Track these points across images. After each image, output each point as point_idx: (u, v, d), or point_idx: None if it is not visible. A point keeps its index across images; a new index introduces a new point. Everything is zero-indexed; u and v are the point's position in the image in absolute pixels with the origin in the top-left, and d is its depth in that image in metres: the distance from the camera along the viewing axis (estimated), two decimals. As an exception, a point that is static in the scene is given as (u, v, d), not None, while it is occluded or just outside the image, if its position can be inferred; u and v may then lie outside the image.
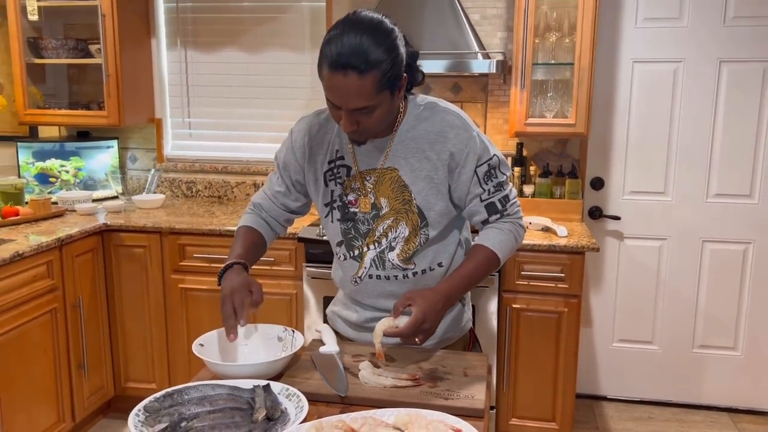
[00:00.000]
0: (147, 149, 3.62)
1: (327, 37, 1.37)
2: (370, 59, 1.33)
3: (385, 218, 1.58)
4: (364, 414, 1.24)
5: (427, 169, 1.54)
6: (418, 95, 1.59)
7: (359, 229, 1.60)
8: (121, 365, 3.11)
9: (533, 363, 2.76)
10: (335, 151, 1.60)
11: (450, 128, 1.53)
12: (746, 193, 3.10)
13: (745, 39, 2.98)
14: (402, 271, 1.61)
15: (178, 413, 1.24)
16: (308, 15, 3.37)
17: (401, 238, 1.58)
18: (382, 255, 1.60)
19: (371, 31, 1.35)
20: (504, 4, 3.12)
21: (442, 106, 1.57)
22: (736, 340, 3.23)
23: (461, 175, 1.54)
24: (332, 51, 1.34)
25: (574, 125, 2.85)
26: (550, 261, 2.67)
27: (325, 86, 1.39)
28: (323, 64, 1.36)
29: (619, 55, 3.10)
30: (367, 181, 1.57)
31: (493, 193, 1.58)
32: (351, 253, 1.63)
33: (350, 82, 1.34)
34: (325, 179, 1.61)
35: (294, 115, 3.39)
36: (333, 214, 1.63)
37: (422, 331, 1.45)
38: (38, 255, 2.59)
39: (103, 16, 3.14)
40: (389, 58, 1.36)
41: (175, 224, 2.95)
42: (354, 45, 1.32)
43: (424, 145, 1.54)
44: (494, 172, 1.57)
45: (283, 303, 2.88)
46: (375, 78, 1.34)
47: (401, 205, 1.56)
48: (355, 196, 1.59)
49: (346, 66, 1.32)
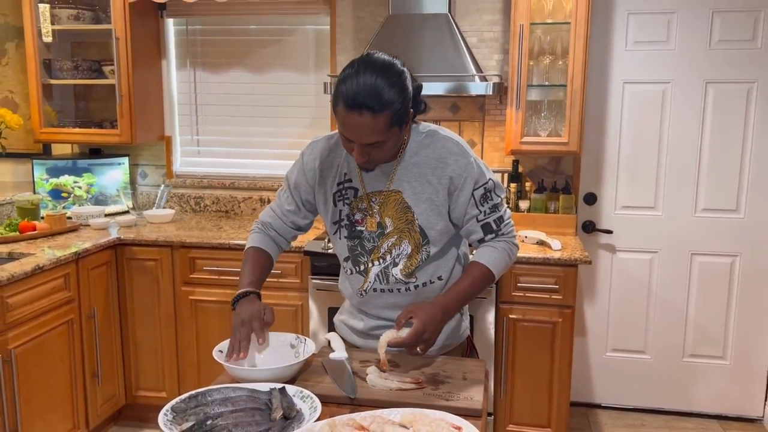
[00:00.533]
0: (157, 166, 3.75)
1: (342, 76, 1.50)
2: (383, 100, 1.46)
3: (389, 236, 1.71)
4: (372, 413, 1.36)
5: (428, 192, 1.67)
6: (420, 123, 1.72)
7: (365, 246, 1.73)
8: (132, 374, 3.22)
9: (529, 371, 2.88)
10: (344, 174, 1.73)
11: (449, 155, 1.66)
12: (732, 208, 3.24)
13: (729, 61, 3.13)
14: (404, 284, 1.74)
15: (204, 413, 1.36)
16: (313, 37, 3.52)
17: (404, 255, 1.71)
18: (386, 270, 1.73)
19: (384, 73, 1.48)
20: (500, 28, 3.27)
21: (442, 134, 1.70)
22: (725, 350, 3.35)
23: (459, 197, 1.67)
24: (348, 90, 1.46)
25: (567, 143, 2.99)
26: (545, 273, 2.79)
27: (340, 122, 1.51)
28: (339, 102, 1.49)
29: (610, 76, 3.25)
30: (373, 202, 1.70)
31: (488, 214, 1.70)
32: (357, 268, 1.76)
33: (364, 120, 1.47)
34: (334, 200, 1.74)
35: (299, 132, 3.54)
36: (341, 232, 1.76)
37: (423, 341, 1.58)
38: (56, 268, 2.71)
39: (116, 39, 3.28)
40: (400, 98, 1.49)
41: (185, 238, 3.08)
42: (369, 86, 1.45)
43: (425, 170, 1.67)
44: (490, 194, 1.70)
45: (290, 314, 3.00)
46: (387, 117, 1.48)
47: (404, 224, 1.69)
48: (362, 215, 1.72)
49: (361, 106, 1.45)
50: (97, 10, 3.42)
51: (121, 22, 3.27)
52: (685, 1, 3.11)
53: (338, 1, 3.38)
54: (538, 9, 3.03)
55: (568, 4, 2.95)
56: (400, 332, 1.58)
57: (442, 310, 1.63)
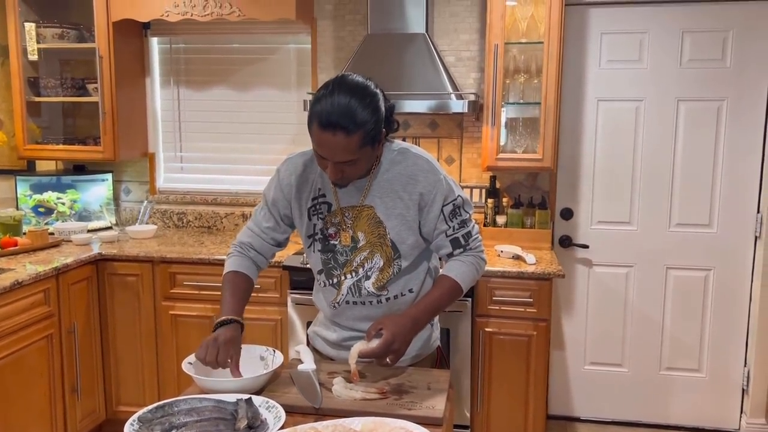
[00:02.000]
0: (140, 182, 3.79)
1: (317, 96, 1.55)
2: (357, 121, 1.51)
3: (361, 250, 1.75)
4: (334, 422, 1.40)
5: (399, 207, 1.72)
6: (393, 141, 1.77)
7: (338, 260, 1.78)
8: (112, 389, 3.23)
9: (506, 384, 2.91)
10: (318, 189, 1.77)
11: (420, 172, 1.71)
12: (705, 223, 3.30)
13: (700, 80, 3.21)
14: (376, 297, 1.78)
15: (169, 422, 1.40)
16: (294, 56, 3.58)
17: (376, 268, 1.76)
18: (358, 283, 1.77)
19: (358, 95, 1.53)
20: (477, 48, 3.34)
21: (413, 152, 1.75)
22: (701, 363, 3.40)
23: (429, 213, 1.72)
24: (322, 110, 1.51)
25: (542, 160, 3.05)
26: (520, 287, 2.84)
27: (315, 140, 1.56)
28: (313, 121, 1.54)
29: (585, 94, 3.32)
30: (346, 217, 1.75)
31: (457, 230, 1.76)
32: (330, 281, 1.80)
33: (338, 140, 1.51)
34: (309, 214, 1.79)
35: (280, 149, 3.59)
36: (315, 245, 1.80)
37: (392, 352, 1.61)
38: (36, 283, 2.74)
39: (100, 58, 3.33)
40: (373, 119, 1.54)
41: (166, 253, 3.11)
42: (343, 107, 1.50)
43: (397, 187, 1.72)
44: (458, 210, 1.75)
45: (269, 328, 3.03)
46: (360, 137, 1.53)
47: (376, 239, 1.74)
48: (335, 230, 1.76)
49: (335, 126, 1.50)
50: (82, 29, 3.47)
51: (105, 40, 3.32)
52: (656, 22, 3.20)
53: (319, 21, 3.45)
54: (513, 29, 3.11)
55: (542, 24, 3.03)
56: (370, 343, 1.62)
57: (411, 320, 1.67)
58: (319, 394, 1.56)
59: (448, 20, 3.35)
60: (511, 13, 3.09)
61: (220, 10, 3.17)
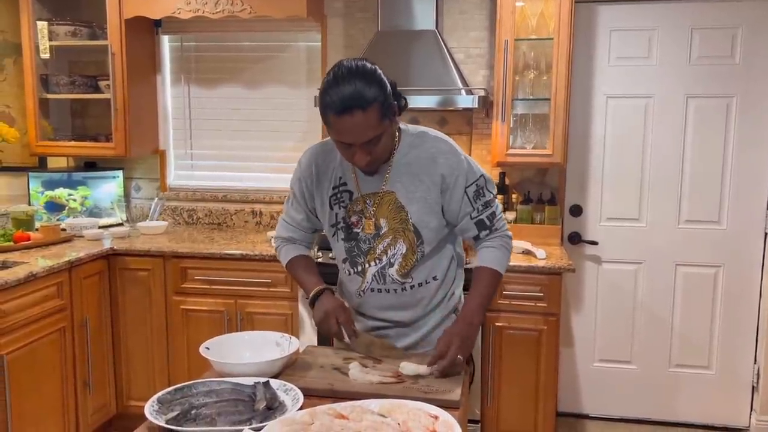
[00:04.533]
0: (150, 179, 3.82)
1: (323, 88, 1.58)
2: (368, 97, 1.54)
3: (384, 237, 1.77)
4: (352, 403, 1.41)
5: (421, 190, 1.74)
6: (409, 126, 1.79)
7: (361, 248, 1.79)
8: (123, 384, 3.25)
9: (516, 378, 2.92)
10: (338, 178, 1.79)
11: (440, 153, 1.73)
12: (715, 219, 3.31)
13: (709, 77, 3.22)
14: (401, 285, 1.80)
15: (189, 403, 1.41)
16: (304, 53, 3.61)
17: (399, 255, 1.77)
18: (382, 270, 1.79)
19: (360, 75, 1.56)
20: (486, 45, 3.36)
21: (432, 134, 1.78)
22: (710, 360, 3.40)
23: (453, 195, 1.74)
24: (333, 98, 1.54)
25: (552, 155, 3.06)
26: (530, 281, 2.85)
27: (335, 130, 1.59)
28: (328, 111, 1.56)
29: (594, 90, 3.33)
30: (368, 204, 1.76)
31: (481, 211, 1.77)
32: (355, 269, 1.82)
33: (357, 120, 1.54)
34: (330, 203, 1.81)
35: (290, 146, 3.62)
36: (338, 234, 1.82)
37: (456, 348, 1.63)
38: (50, 276, 2.76)
39: (112, 55, 3.36)
40: (381, 90, 1.57)
41: (177, 248, 3.13)
42: (351, 90, 1.53)
43: (417, 170, 1.73)
44: (482, 191, 1.77)
45: (279, 322, 3.04)
46: (376, 109, 1.56)
47: (399, 224, 1.76)
48: (357, 217, 1.78)
49: (350, 107, 1.53)
50: (94, 26, 3.50)
51: (117, 38, 3.35)
52: (665, 18, 3.21)
53: (329, 19, 3.48)
54: (523, 26, 3.12)
55: (552, 21, 3.04)
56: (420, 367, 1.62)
57: (464, 322, 1.71)
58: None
59: (458, 17, 3.37)
60: (521, 9, 3.10)
61: (232, 7, 3.20)
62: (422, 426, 1.31)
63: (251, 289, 3.07)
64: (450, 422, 1.32)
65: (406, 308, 1.83)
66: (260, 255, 3.03)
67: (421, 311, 1.84)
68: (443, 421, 1.33)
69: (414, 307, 1.83)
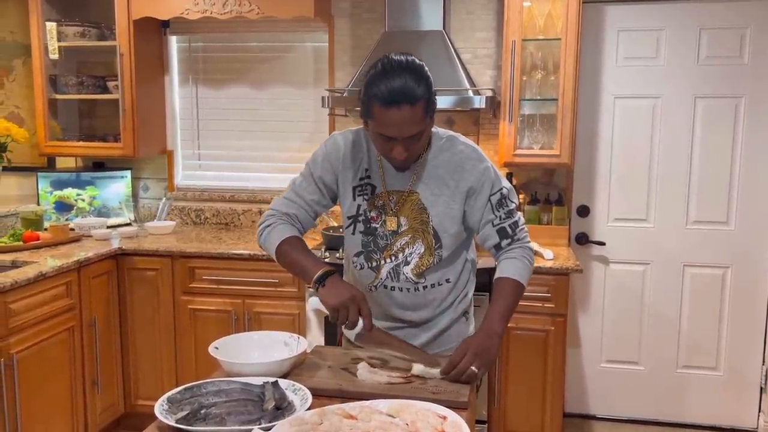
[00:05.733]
0: (158, 179, 3.83)
1: (369, 80, 1.57)
2: (417, 92, 1.54)
3: (402, 235, 1.77)
4: (361, 404, 1.41)
5: (445, 194, 1.74)
6: (439, 129, 1.79)
7: (378, 243, 1.79)
8: (131, 383, 3.26)
9: (523, 379, 2.92)
10: (365, 169, 1.79)
11: (467, 160, 1.73)
12: (723, 220, 3.29)
13: (718, 77, 3.21)
14: (414, 284, 1.80)
15: (198, 402, 1.42)
16: (311, 54, 3.61)
17: (416, 255, 1.77)
18: (397, 268, 1.79)
19: (410, 70, 1.56)
20: (493, 45, 3.36)
21: (461, 140, 1.78)
22: (718, 361, 3.39)
23: (477, 201, 1.74)
24: (382, 90, 1.53)
25: (559, 156, 3.06)
26: (537, 282, 2.84)
27: (379, 122, 1.57)
28: (373, 103, 1.55)
29: (601, 91, 3.33)
30: (390, 200, 1.77)
31: (504, 219, 1.76)
32: (369, 264, 1.82)
33: (404, 114, 1.54)
34: (354, 193, 1.80)
35: (297, 146, 3.64)
36: (357, 227, 1.81)
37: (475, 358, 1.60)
38: (59, 275, 2.77)
39: (121, 55, 3.38)
40: (428, 88, 1.58)
41: (185, 248, 3.14)
42: (401, 83, 1.53)
43: (443, 174, 1.73)
44: (505, 201, 1.76)
45: (287, 322, 3.04)
46: (422, 106, 1.56)
47: (419, 225, 1.76)
48: (377, 213, 1.78)
49: (399, 101, 1.53)
50: (103, 27, 3.52)
51: (126, 38, 3.36)
52: (673, 19, 3.21)
53: (336, 19, 3.48)
54: (531, 26, 3.12)
55: (560, 21, 3.04)
56: (434, 370, 1.61)
57: (485, 333, 1.67)
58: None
59: (465, 18, 3.37)
60: (528, 10, 3.10)
61: (240, 8, 3.21)
62: (431, 426, 1.31)
63: (259, 289, 3.08)
64: (458, 423, 1.32)
65: (417, 308, 1.83)
66: (268, 255, 3.03)
67: (432, 312, 1.84)
68: (452, 422, 1.33)
69: (425, 307, 1.83)
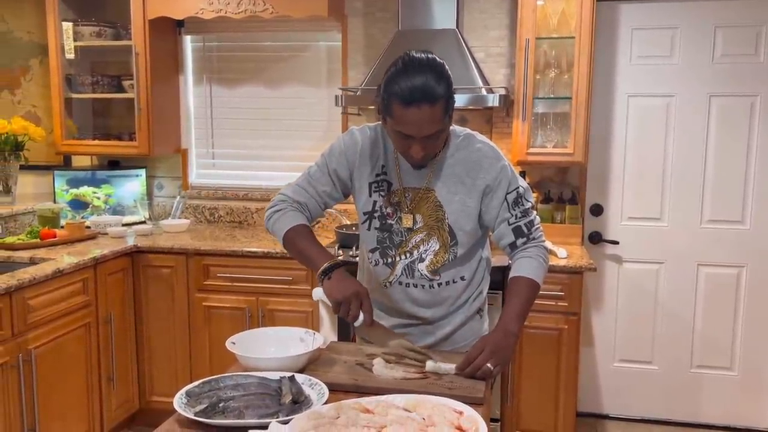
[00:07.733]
0: (173, 177, 3.86)
1: (390, 78, 1.57)
2: (437, 92, 1.54)
3: (417, 232, 1.78)
4: (377, 398, 1.42)
5: (462, 192, 1.74)
6: (456, 127, 1.79)
7: (393, 240, 1.80)
8: (146, 379, 3.29)
9: (536, 378, 2.92)
10: (381, 166, 1.80)
11: (484, 158, 1.74)
12: (738, 219, 3.28)
13: (732, 75, 3.19)
14: (428, 281, 1.81)
15: (216, 396, 1.43)
16: (325, 53, 3.63)
17: (431, 252, 1.78)
18: (412, 265, 1.80)
19: (431, 68, 1.56)
20: (507, 44, 3.36)
21: (478, 138, 1.78)
22: (732, 361, 3.37)
23: (493, 200, 1.74)
24: (402, 89, 1.53)
25: (573, 154, 3.05)
26: (551, 280, 2.84)
27: (398, 120, 1.58)
28: (393, 101, 1.56)
29: (615, 89, 3.32)
30: (406, 198, 1.77)
31: (519, 218, 1.76)
32: (384, 260, 1.83)
33: (424, 113, 1.55)
34: (370, 189, 1.81)
35: (311, 145, 3.65)
36: (372, 223, 1.82)
37: (489, 355, 1.60)
38: (76, 272, 2.80)
39: (136, 55, 3.41)
40: (448, 87, 1.59)
41: (199, 246, 3.17)
42: (422, 82, 1.53)
43: (460, 172, 1.74)
44: (521, 200, 1.76)
45: (300, 319, 3.06)
46: (442, 105, 1.57)
47: (434, 222, 1.77)
48: (392, 209, 1.79)
49: (420, 100, 1.53)
50: (118, 27, 3.55)
51: (141, 38, 3.39)
52: (688, 17, 3.19)
53: (350, 18, 3.50)
54: (544, 24, 3.12)
55: (573, 19, 3.04)
56: (446, 366, 1.61)
57: (502, 332, 1.67)
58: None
59: (478, 17, 3.37)
60: (541, 8, 3.10)
61: (254, 7, 3.23)
62: (447, 421, 1.31)
63: (272, 287, 3.10)
64: (474, 417, 1.33)
65: (431, 305, 1.84)
66: (281, 253, 3.05)
67: (446, 310, 1.85)
68: (468, 417, 1.34)
69: (439, 305, 1.84)
